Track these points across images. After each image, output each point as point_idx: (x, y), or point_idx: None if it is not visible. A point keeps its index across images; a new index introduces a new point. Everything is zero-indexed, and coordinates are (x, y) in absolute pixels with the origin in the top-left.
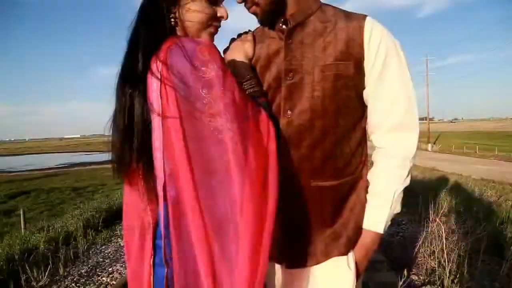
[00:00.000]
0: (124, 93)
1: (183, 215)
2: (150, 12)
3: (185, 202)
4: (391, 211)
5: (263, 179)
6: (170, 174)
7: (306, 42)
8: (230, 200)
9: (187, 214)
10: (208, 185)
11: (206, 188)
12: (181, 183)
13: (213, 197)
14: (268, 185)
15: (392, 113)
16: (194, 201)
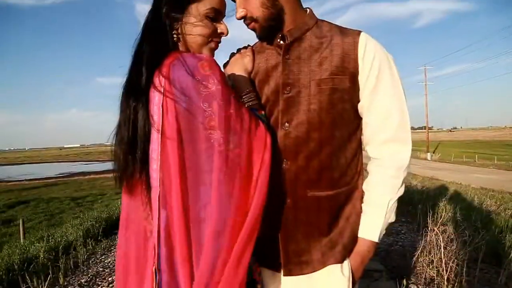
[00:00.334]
0: (128, 106)
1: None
2: (153, 28)
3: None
4: (385, 220)
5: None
6: (165, 184)
7: (303, 57)
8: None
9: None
10: (201, 196)
11: (197, 200)
12: (172, 194)
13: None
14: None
15: (385, 126)
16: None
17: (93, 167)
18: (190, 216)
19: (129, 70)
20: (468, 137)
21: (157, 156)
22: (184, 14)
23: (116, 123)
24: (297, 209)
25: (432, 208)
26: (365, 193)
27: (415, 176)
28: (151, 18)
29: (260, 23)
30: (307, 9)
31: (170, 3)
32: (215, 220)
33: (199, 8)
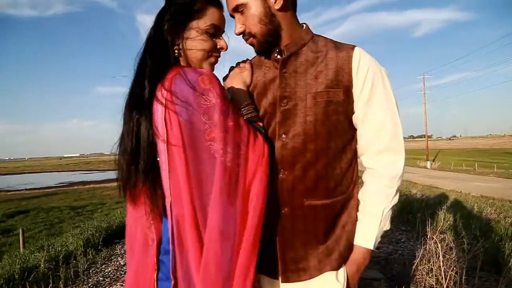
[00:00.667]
0: (131, 118)
1: (184, 233)
2: (155, 44)
3: (185, 220)
4: (380, 228)
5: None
6: (175, 194)
7: (299, 71)
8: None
9: (187, 232)
10: (206, 204)
11: (204, 207)
12: (183, 203)
13: (213, 214)
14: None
15: (379, 137)
16: (191, 220)
17: (92, 176)
18: (200, 223)
19: (132, 84)
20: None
21: (166, 166)
22: (185, 30)
23: (119, 134)
24: (294, 217)
25: (432, 216)
26: (360, 202)
27: (415, 185)
28: (153, 34)
29: (258, 38)
30: (303, 25)
31: (172, 20)
32: (217, 227)
33: (199, 25)
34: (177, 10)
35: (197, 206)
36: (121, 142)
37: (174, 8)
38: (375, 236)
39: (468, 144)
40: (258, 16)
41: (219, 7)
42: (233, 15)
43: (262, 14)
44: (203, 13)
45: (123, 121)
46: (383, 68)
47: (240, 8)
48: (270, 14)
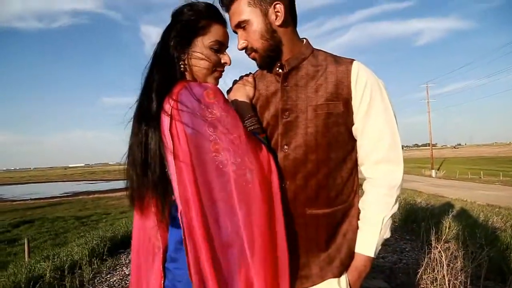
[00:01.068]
0: (140, 130)
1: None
2: (162, 59)
3: (195, 229)
4: (381, 236)
5: (268, 208)
6: (184, 203)
7: (300, 84)
8: (234, 226)
9: (197, 239)
10: (214, 213)
11: (212, 216)
12: (191, 213)
13: (220, 223)
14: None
15: (377, 148)
16: (201, 229)
17: (97, 186)
18: (210, 231)
19: (139, 97)
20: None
21: (174, 176)
22: (191, 46)
23: (127, 145)
24: (296, 226)
25: (436, 225)
26: (361, 211)
27: (420, 193)
28: (160, 49)
29: (260, 53)
30: (303, 40)
31: (178, 37)
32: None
33: (204, 41)
34: (183, 27)
35: (205, 215)
36: (130, 153)
37: (180, 25)
38: (376, 244)
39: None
40: (259, 32)
41: (223, 24)
42: (236, 31)
43: (264, 30)
44: (208, 29)
45: (131, 133)
46: (381, 81)
47: (242, 24)
48: (271, 30)
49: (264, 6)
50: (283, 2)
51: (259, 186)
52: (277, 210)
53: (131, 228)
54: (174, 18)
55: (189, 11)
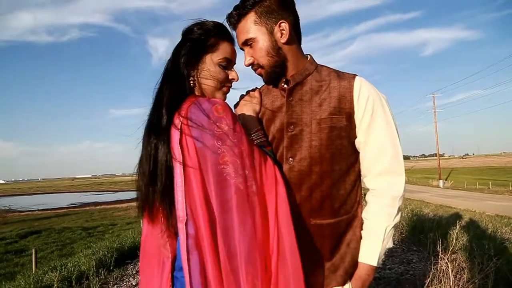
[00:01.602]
0: (150, 143)
1: (200, 250)
2: (173, 75)
3: (203, 239)
4: (383, 246)
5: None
6: (190, 214)
7: (305, 99)
8: (240, 236)
9: (204, 249)
10: (223, 223)
11: (220, 226)
12: (199, 223)
13: (227, 233)
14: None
15: (380, 160)
16: (209, 239)
17: (104, 197)
18: (218, 240)
19: (150, 112)
20: (481, 163)
21: (181, 187)
22: (200, 63)
23: (138, 157)
24: (301, 235)
25: (444, 236)
26: (364, 221)
27: (427, 204)
28: (170, 66)
29: (266, 69)
30: (308, 56)
31: (188, 54)
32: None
33: (212, 58)
34: (192, 44)
35: (213, 225)
36: (140, 165)
37: (190, 43)
38: (379, 254)
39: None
40: (265, 49)
41: (231, 42)
42: (242, 48)
43: (270, 48)
44: (216, 47)
45: (142, 146)
46: (383, 95)
47: (249, 42)
48: (276, 47)
49: (269, 24)
50: (288, 21)
51: (264, 198)
52: (283, 220)
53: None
54: (184, 36)
55: (198, 30)
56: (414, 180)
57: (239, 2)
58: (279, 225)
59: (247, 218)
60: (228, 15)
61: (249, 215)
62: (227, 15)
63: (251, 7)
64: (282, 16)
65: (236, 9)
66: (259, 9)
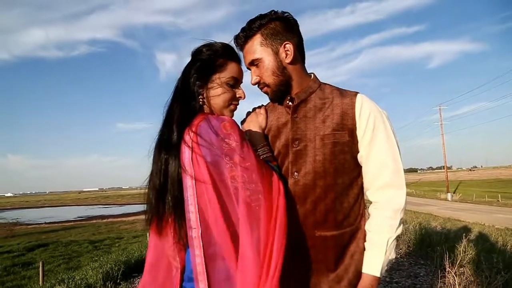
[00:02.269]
0: (160, 158)
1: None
2: (183, 93)
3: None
4: (386, 257)
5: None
6: (205, 225)
7: (309, 115)
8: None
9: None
10: (231, 235)
11: (231, 236)
12: (216, 233)
13: (233, 245)
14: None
15: (381, 175)
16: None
17: (111, 210)
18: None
19: (161, 128)
20: (490, 176)
21: (193, 200)
22: (209, 82)
23: (149, 172)
24: (306, 247)
25: (451, 249)
26: (367, 233)
27: (435, 217)
28: (181, 84)
29: (272, 88)
30: (311, 74)
31: (197, 73)
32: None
33: (221, 77)
34: (202, 65)
35: (226, 235)
36: (150, 179)
37: (199, 63)
38: (382, 264)
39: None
40: (271, 69)
41: (238, 62)
42: (249, 67)
43: (275, 67)
44: (224, 67)
45: (152, 161)
46: (384, 111)
47: (255, 62)
48: (282, 67)
49: (275, 45)
50: (292, 42)
51: (268, 211)
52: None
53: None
54: (194, 56)
55: (207, 51)
56: (422, 193)
57: (246, 24)
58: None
59: (254, 231)
60: (235, 37)
61: (255, 227)
62: (235, 37)
63: (257, 29)
64: (286, 38)
65: (243, 31)
66: (265, 31)
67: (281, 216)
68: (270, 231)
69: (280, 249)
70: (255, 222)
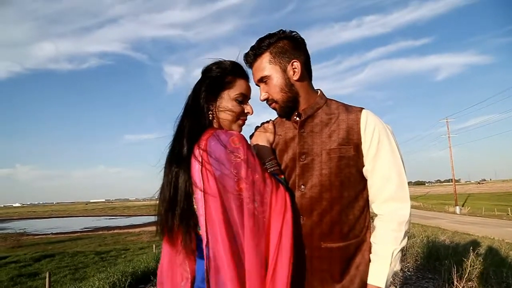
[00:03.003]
0: (171, 171)
1: (219, 270)
2: (193, 109)
3: (222, 259)
4: (391, 268)
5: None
6: (211, 236)
7: (315, 130)
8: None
9: (222, 269)
10: (238, 246)
11: (236, 249)
12: (218, 245)
13: (240, 256)
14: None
15: (385, 188)
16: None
17: (117, 222)
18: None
19: (172, 142)
20: (499, 189)
21: (203, 212)
22: (218, 98)
23: (160, 185)
24: (312, 258)
25: (459, 263)
26: (372, 245)
27: (444, 231)
28: (191, 100)
29: (280, 104)
30: (318, 91)
31: (207, 90)
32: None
33: (230, 93)
34: (211, 82)
35: (232, 247)
36: (161, 191)
37: (209, 81)
38: (387, 276)
39: (499, 188)
40: (279, 86)
41: (246, 79)
42: (258, 84)
43: (283, 84)
44: (233, 84)
45: (163, 174)
46: (389, 126)
47: (264, 79)
48: (289, 84)
49: (283, 63)
50: (300, 60)
51: (275, 223)
52: (284, 244)
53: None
54: (204, 74)
55: (217, 69)
56: (430, 206)
57: (255, 43)
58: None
59: (260, 242)
60: (245, 55)
61: (262, 239)
62: (244, 55)
63: (266, 47)
64: (294, 56)
65: (252, 49)
66: (274, 50)
67: (288, 229)
68: (276, 244)
69: (287, 262)
70: (262, 235)
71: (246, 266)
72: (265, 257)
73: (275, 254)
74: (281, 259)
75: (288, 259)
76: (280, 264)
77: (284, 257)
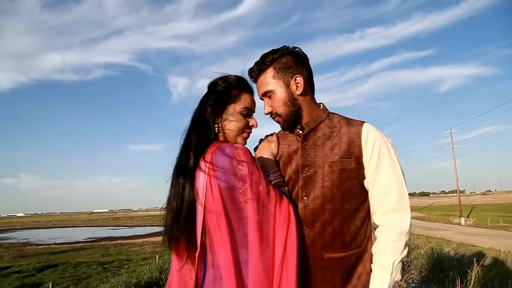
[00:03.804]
0: (178, 183)
1: (218, 279)
2: (199, 122)
3: (223, 268)
4: (392, 278)
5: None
6: (210, 245)
7: (318, 143)
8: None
9: (223, 277)
10: (241, 256)
11: (239, 259)
12: (219, 253)
13: (243, 266)
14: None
15: (386, 199)
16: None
17: (120, 232)
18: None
19: (179, 155)
20: (504, 200)
21: (200, 222)
22: (224, 112)
23: (167, 196)
24: (315, 268)
25: (464, 275)
26: (373, 255)
27: (448, 242)
28: (198, 114)
29: (283, 118)
30: (320, 104)
31: (213, 104)
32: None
33: (235, 107)
34: (217, 96)
35: (235, 258)
36: (168, 202)
37: (215, 95)
38: (388, 286)
39: (505, 199)
40: (283, 100)
41: (251, 93)
42: (262, 98)
43: (286, 99)
44: (238, 98)
45: (170, 185)
46: (389, 139)
47: (268, 94)
48: (292, 99)
49: (286, 78)
50: (303, 75)
51: (279, 234)
52: (289, 255)
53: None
54: (210, 88)
55: (222, 83)
56: (435, 217)
57: (260, 58)
58: (285, 259)
59: (264, 252)
60: (249, 70)
61: (266, 250)
62: (249, 70)
63: (270, 63)
64: (297, 71)
65: (256, 64)
66: (277, 65)
67: (293, 240)
68: (281, 254)
69: (293, 275)
70: (266, 245)
71: (250, 276)
72: (270, 268)
73: (280, 266)
74: (287, 270)
75: (294, 271)
76: (285, 275)
77: (290, 269)
